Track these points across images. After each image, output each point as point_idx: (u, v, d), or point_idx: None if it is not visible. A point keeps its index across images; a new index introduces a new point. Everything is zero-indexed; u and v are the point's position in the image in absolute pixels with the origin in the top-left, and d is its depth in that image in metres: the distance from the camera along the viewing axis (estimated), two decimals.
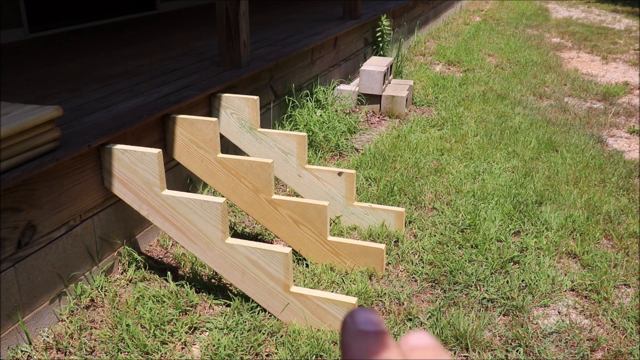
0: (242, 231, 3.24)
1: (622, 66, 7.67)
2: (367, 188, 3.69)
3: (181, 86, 3.35)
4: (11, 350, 2.24)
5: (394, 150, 4.28)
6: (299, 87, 4.64)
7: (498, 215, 3.37)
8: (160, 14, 6.48)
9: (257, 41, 4.70)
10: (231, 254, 2.42)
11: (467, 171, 3.99)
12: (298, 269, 2.85)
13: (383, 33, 6.19)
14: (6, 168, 2.14)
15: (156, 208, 2.52)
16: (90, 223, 2.61)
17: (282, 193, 3.64)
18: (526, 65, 7.27)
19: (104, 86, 3.39)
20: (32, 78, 3.59)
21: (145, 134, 2.89)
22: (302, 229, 2.83)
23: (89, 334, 2.37)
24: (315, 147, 4.24)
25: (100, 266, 2.69)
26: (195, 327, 2.44)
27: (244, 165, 2.85)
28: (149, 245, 3.05)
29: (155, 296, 2.57)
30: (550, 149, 4.50)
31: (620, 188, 3.86)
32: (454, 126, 4.90)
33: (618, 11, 12.89)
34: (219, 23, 3.71)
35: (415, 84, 5.96)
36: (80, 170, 2.50)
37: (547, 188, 3.79)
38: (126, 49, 4.52)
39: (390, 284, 2.79)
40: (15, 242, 2.23)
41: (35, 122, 2.21)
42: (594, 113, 5.58)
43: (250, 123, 3.23)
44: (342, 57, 5.58)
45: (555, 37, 9.50)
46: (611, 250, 3.14)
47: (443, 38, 8.72)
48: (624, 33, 10.01)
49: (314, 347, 2.29)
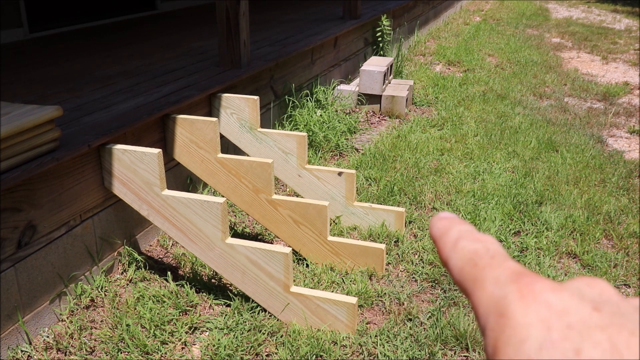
0: (242, 231, 3.24)
1: (622, 66, 7.67)
2: (367, 188, 3.69)
3: (181, 86, 3.35)
4: (11, 350, 2.24)
5: (394, 150, 4.28)
6: (299, 87, 4.64)
7: (498, 215, 3.37)
8: (160, 14, 6.48)
9: (257, 41, 4.70)
10: (231, 254, 2.42)
11: (467, 171, 3.99)
12: (298, 269, 2.84)
13: (383, 33, 6.19)
14: (6, 168, 2.14)
15: (156, 208, 2.52)
16: (90, 223, 2.61)
17: (282, 193, 3.64)
18: (526, 65, 7.27)
19: (104, 86, 3.38)
20: (32, 78, 3.59)
21: (145, 134, 2.89)
22: (302, 229, 2.83)
23: (89, 334, 2.37)
24: (315, 147, 4.24)
25: (100, 266, 2.69)
26: (196, 327, 2.44)
27: (244, 165, 2.85)
28: (149, 245, 3.05)
29: (156, 296, 2.57)
30: (550, 149, 4.50)
31: (620, 188, 3.86)
32: (454, 126, 4.90)
33: (618, 11, 12.89)
34: (219, 23, 3.71)
35: (415, 84, 5.96)
36: (80, 170, 2.50)
37: (547, 188, 3.79)
38: (126, 49, 4.52)
39: (390, 284, 2.79)
40: (15, 242, 2.23)
41: (35, 122, 2.21)
42: (594, 113, 5.58)
43: (250, 123, 3.23)
44: (342, 57, 5.58)
45: (555, 37, 9.50)
46: (611, 250, 3.14)
47: (443, 38, 8.72)
48: (624, 33, 10.01)
49: (314, 347, 2.29)
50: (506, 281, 0.26)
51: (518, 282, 0.26)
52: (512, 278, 0.26)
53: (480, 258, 0.28)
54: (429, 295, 2.72)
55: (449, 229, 0.31)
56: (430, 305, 2.65)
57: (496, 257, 0.28)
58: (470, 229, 0.31)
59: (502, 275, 0.27)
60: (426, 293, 2.75)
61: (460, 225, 0.31)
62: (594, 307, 0.24)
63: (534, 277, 0.26)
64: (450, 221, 0.32)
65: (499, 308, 0.25)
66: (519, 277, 0.26)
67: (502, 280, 0.26)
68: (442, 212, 0.34)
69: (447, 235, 0.31)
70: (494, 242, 0.30)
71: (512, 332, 0.24)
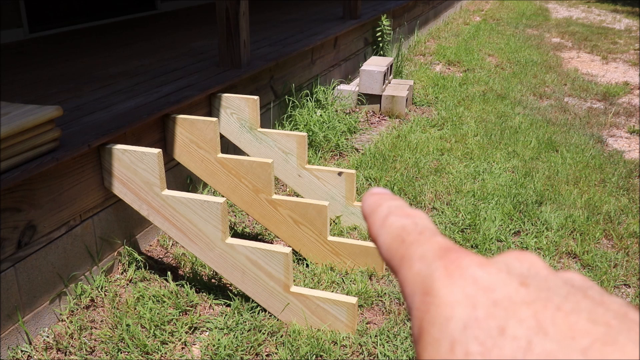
0: (242, 231, 3.25)
1: (622, 66, 7.67)
2: (367, 188, 3.69)
3: (181, 86, 3.35)
4: (11, 350, 2.24)
5: (394, 150, 4.28)
6: (299, 87, 4.64)
7: (498, 215, 3.37)
8: (160, 14, 6.48)
9: (257, 41, 4.70)
10: (231, 254, 2.42)
11: (467, 171, 3.99)
12: (298, 269, 2.85)
13: (383, 33, 6.19)
14: (6, 168, 2.14)
15: (156, 208, 2.52)
16: (90, 223, 2.61)
17: (282, 193, 3.64)
18: (526, 65, 7.27)
19: (104, 86, 3.38)
20: (32, 78, 3.59)
21: (145, 134, 2.89)
22: (302, 229, 2.83)
23: (89, 334, 2.37)
24: (315, 147, 4.25)
25: (100, 266, 2.69)
26: (195, 327, 2.44)
27: (244, 165, 2.85)
28: (149, 245, 3.05)
29: (155, 296, 2.57)
30: (550, 149, 4.50)
31: (620, 188, 3.86)
32: (454, 126, 4.90)
33: (618, 11, 12.89)
34: (219, 23, 3.71)
35: (415, 83, 5.96)
36: (80, 170, 2.50)
37: (547, 188, 3.79)
38: (126, 49, 4.52)
39: (390, 283, 2.79)
40: (15, 242, 2.23)
41: (35, 122, 2.21)
42: (594, 113, 5.58)
43: (250, 123, 3.23)
44: (342, 57, 5.58)
45: (555, 37, 9.50)
46: (611, 250, 3.14)
47: (443, 38, 8.72)
48: (624, 33, 10.01)
49: (314, 347, 2.29)
50: (433, 257, 0.25)
51: (445, 257, 0.24)
52: (438, 254, 0.25)
53: (408, 234, 0.27)
54: None
55: (379, 205, 0.30)
56: None
57: (424, 233, 0.27)
58: (400, 204, 0.29)
59: (429, 251, 0.25)
60: None
61: (391, 201, 0.30)
62: (521, 282, 0.22)
63: (461, 252, 0.25)
64: (381, 197, 0.30)
65: (425, 286, 0.24)
66: (446, 252, 0.25)
67: (429, 256, 0.25)
68: (374, 188, 0.32)
69: (377, 211, 0.29)
70: (424, 217, 0.28)
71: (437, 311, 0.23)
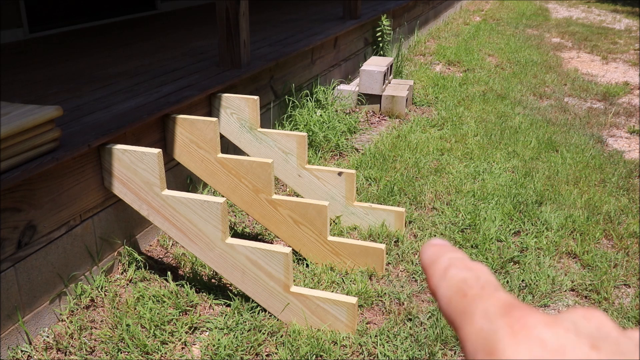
0: (242, 231, 3.25)
1: (622, 66, 7.67)
2: (367, 188, 3.69)
3: (181, 86, 3.35)
4: (11, 350, 2.24)
5: (394, 150, 4.28)
6: (299, 87, 4.64)
7: (498, 215, 3.37)
8: (160, 14, 6.48)
9: (257, 41, 4.70)
10: (231, 254, 2.42)
11: (467, 171, 3.99)
12: (298, 269, 2.85)
13: (383, 33, 6.19)
14: (6, 168, 2.14)
15: (156, 208, 2.52)
16: (90, 223, 2.61)
17: (282, 193, 3.64)
18: (526, 65, 7.27)
19: (104, 86, 3.38)
20: (32, 78, 3.59)
21: (145, 134, 2.89)
22: (302, 229, 2.83)
23: (89, 334, 2.37)
24: (315, 147, 4.25)
25: (100, 266, 2.69)
26: (195, 327, 2.44)
27: (244, 165, 2.85)
28: (149, 245, 3.05)
29: (155, 296, 2.57)
30: (550, 149, 4.50)
31: (620, 188, 3.86)
32: (454, 126, 4.90)
33: (618, 11, 12.88)
34: (219, 23, 3.71)
35: (415, 83, 5.96)
36: (80, 170, 2.50)
37: (547, 188, 3.79)
38: (126, 49, 4.52)
39: (390, 284, 2.79)
40: (15, 242, 2.23)
41: (35, 122, 2.21)
42: (594, 113, 5.58)
43: (250, 123, 3.23)
44: (342, 57, 5.58)
45: (555, 37, 9.50)
46: (611, 250, 3.14)
47: (443, 38, 8.72)
48: (624, 33, 10.01)
49: (314, 347, 2.29)
50: (496, 314, 0.24)
51: (509, 315, 0.24)
52: (502, 311, 0.24)
53: (470, 288, 0.26)
54: (429, 295, 2.72)
55: (439, 256, 0.29)
56: (430, 305, 2.65)
57: (487, 287, 0.26)
58: (461, 257, 0.29)
59: (492, 307, 0.25)
60: (426, 293, 2.75)
61: (452, 253, 0.29)
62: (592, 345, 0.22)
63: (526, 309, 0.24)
64: (441, 248, 0.30)
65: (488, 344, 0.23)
66: (510, 309, 0.24)
67: (492, 313, 0.24)
68: (434, 239, 0.32)
69: (437, 263, 0.29)
70: (486, 271, 0.28)
71: None
